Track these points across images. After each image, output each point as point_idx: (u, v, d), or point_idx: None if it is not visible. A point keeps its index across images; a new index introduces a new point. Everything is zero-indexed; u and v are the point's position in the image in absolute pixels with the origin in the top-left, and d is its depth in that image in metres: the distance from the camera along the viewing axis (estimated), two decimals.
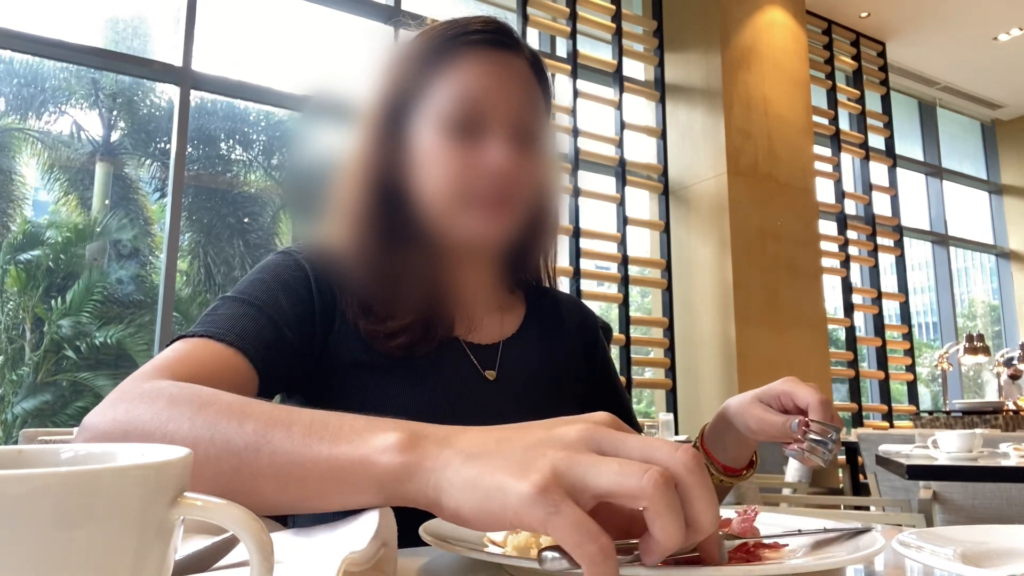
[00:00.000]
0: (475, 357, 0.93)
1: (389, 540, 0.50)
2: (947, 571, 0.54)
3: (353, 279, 0.88)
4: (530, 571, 0.53)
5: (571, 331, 1.07)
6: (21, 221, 6.88)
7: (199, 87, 4.20)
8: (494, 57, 0.91)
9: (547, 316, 1.05)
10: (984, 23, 6.89)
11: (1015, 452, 2.11)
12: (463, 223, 0.89)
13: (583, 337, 1.08)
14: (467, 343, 0.94)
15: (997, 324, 9.24)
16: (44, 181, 6.99)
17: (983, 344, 6.08)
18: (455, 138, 0.87)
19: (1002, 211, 8.85)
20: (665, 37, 5.85)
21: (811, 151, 6.08)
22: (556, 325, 1.05)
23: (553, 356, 1.01)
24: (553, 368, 1.00)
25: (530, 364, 0.97)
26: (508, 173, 0.87)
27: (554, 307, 1.07)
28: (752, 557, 0.56)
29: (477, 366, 0.93)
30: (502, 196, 0.88)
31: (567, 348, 1.04)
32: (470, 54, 0.90)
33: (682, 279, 5.56)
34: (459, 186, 0.87)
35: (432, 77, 0.90)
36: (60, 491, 0.28)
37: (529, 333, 1.01)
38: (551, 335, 1.03)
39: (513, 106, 0.89)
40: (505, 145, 0.87)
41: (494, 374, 0.93)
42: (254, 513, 0.33)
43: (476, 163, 0.87)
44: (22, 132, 6.84)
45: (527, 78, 0.93)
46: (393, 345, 0.86)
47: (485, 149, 0.87)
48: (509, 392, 0.92)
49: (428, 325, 0.88)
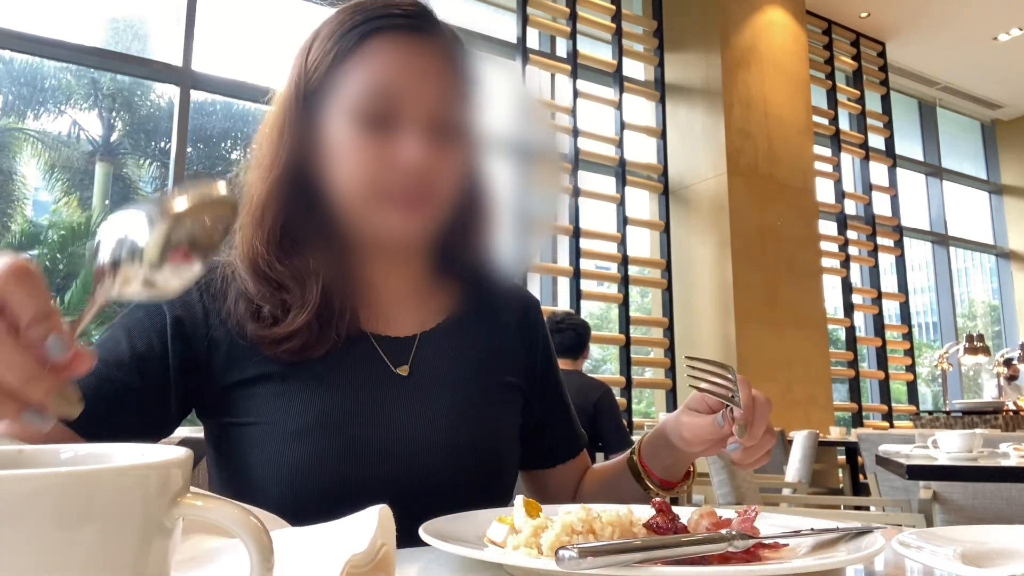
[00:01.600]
0: (386, 352, 0.87)
1: (389, 540, 0.50)
2: (947, 571, 0.54)
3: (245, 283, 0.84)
4: (530, 571, 0.53)
5: (507, 323, 1.00)
6: (21, 221, 6.88)
7: (199, 87, 4.20)
8: (410, 43, 0.84)
9: (484, 307, 0.98)
10: (984, 23, 6.90)
11: (1015, 452, 2.11)
12: (377, 221, 0.84)
13: (522, 330, 1.01)
14: (378, 337, 0.88)
15: (997, 324, 9.25)
16: (44, 181, 6.99)
17: (983, 344, 6.08)
18: (367, 130, 0.82)
19: (1002, 211, 8.86)
20: (665, 37, 5.85)
21: (811, 151, 6.08)
22: (488, 316, 0.98)
23: (479, 349, 0.94)
24: (482, 360, 0.93)
25: (450, 358, 0.91)
26: (423, 169, 0.82)
27: (495, 298, 1.00)
28: (752, 557, 0.56)
29: (387, 362, 0.87)
30: (417, 193, 0.83)
31: (499, 341, 0.97)
32: (384, 39, 0.84)
33: (682, 279, 5.56)
34: (372, 182, 0.82)
35: (344, 63, 0.84)
36: (60, 491, 0.28)
37: (456, 325, 0.94)
38: (479, 327, 0.96)
39: (430, 96, 0.83)
40: (420, 139, 0.82)
41: (407, 369, 0.87)
42: (250, 511, 0.33)
43: (389, 158, 0.82)
44: (22, 132, 6.84)
45: (446, 64, 0.86)
46: (282, 350, 0.81)
47: (399, 143, 0.82)
48: (424, 388, 0.87)
49: (323, 324, 0.83)
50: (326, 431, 0.81)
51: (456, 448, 0.85)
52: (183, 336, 0.83)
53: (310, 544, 0.50)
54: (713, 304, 5.41)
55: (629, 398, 5.12)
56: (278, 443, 0.80)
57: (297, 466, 0.79)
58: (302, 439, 0.80)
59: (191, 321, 0.83)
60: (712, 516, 0.64)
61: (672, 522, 0.61)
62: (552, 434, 1.02)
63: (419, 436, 0.83)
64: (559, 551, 0.47)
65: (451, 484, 0.83)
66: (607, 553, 0.48)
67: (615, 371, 5.24)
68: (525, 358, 1.00)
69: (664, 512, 0.62)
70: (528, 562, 0.52)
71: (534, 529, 0.58)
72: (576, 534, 0.56)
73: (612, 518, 0.57)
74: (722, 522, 0.63)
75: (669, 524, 0.60)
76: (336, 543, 0.48)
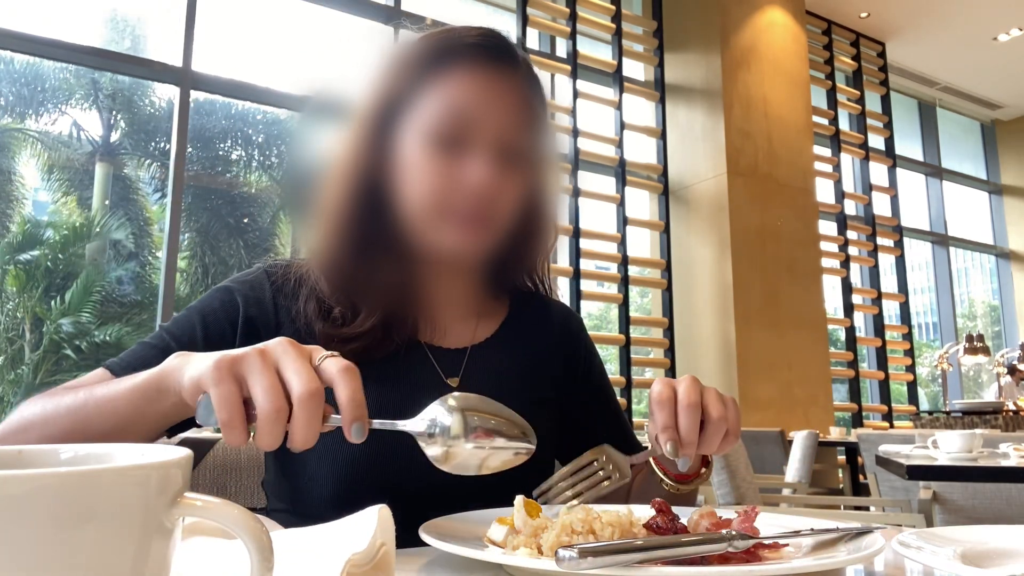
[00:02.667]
0: (439, 362, 0.93)
1: (388, 540, 0.50)
2: (947, 571, 0.54)
3: (319, 284, 0.90)
4: (530, 571, 0.53)
5: (553, 340, 1.05)
6: (20, 221, 6.88)
7: (199, 87, 4.20)
8: (487, 70, 0.90)
9: (528, 323, 1.04)
10: (984, 23, 6.90)
11: (1015, 452, 2.11)
12: (439, 236, 0.89)
13: (566, 348, 1.06)
14: (433, 348, 0.94)
15: (997, 324, 9.25)
16: (44, 181, 6.99)
17: (983, 344, 6.09)
18: (439, 150, 0.87)
19: (1002, 211, 8.86)
20: (665, 37, 5.85)
21: (811, 151, 6.08)
22: (536, 333, 1.04)
23: (525, 363, 0.99)
24: (523, 375, 0.98)
25: (498, 370, 0.96)
26: (487, 191, 0.87)
27: (539, 314, 1.06)
28: (752, 557, 0.56)
29: (439, 371, 0.92)
30: (479, 214, 0.88)
31: (544, 356, 1.02)
32: (463, 66, 0.89)
33: (682, 279, 5.56)
34: (438, 199, 0.87)
35: (424, 86, 0.90)
36: (60, 491, 0.28)
37: (503, 339, 1.00)
38: (527, 342, 1.01)
39: (501, 123, 0.89)
40: (487, 163, 0.87)
41: (457, 380, 0.92)
42: (250, 512, 0.33)
43: (457, 178, 0.87)
44: (22, 132, 6.83)
45: (519, 93, 0.92)
46: (348, 350, 0.84)
47: (467, 165, 0.87)
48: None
49: (387, 329, 0.88)
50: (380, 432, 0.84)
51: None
52: (254, 333, 0.87)
53: (310, 544, 0.50)
54: (713, 304, 5.41)
55: (629, 398, 5.12)
56: (334, 439, 0.82)
57: (352, 463, 0.83)
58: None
59: (263, 319, 0.89)
60: (712, 516, 0.64)
61: (672, 522, 0.61)
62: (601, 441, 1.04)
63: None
64: (559, 551, 0.47)
65: (481, 488, 0.84)
66: (607, 553, 0.48)
67: (615, 371, 5.24)
68: (564, 369, 1.04)
69: (664, 512, 0.62)
70: (528, 562, 0.52)
71: (534, 529, 0.58)
72: (576, 534, 0.56)
73: (612, 518, 0.57)
74: (722, 522, 0.63)
75: (669, 524, 0.60)
76: (336, 543, 0.48)
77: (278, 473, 0.91)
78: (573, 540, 0.55)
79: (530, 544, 0.56)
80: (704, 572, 0.51)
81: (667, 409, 0.74)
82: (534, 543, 0.56)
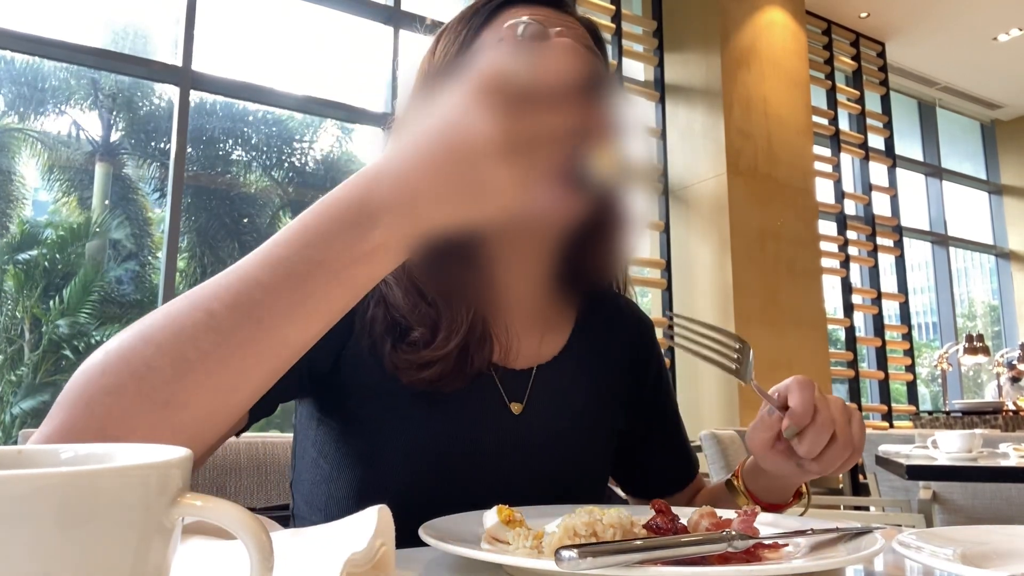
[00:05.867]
0: (504, 386, 0.86)
1: (388, 540, 0.50)
2: (947, 571, 0.54)
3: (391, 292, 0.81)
4: (530, 571, 0.53)
5: (621, 349, 0.98)
6: (19, 221, 6.88)
7: (199, 87, 4.20)
8: (550, 17, 0.83)
9: (599, 332, 0.96)
10: (984, 23, 6.89)
11: (1015, 452, 2.11)
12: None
13: (634, 354, 0.99)
14: (497, 368, 0.86)
15: (997, 324, 9.25)
16: (44, 181, 6.98)
17: (983, 344, 6.08)
18: None
19: (1002, 211, 8.85)
20: (665, 37, 5.85)
21: (811, 151, 6.08)
22: (604, 345, 0.96)
23: (591, 383, 0.92)
24: (589, 397, 0.92)
25: (563, 393, 0.89)
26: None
27: (610, 322, 0.98)
28: (752, 557, 0.56)
29: (504, 396, 0.85)
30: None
31: (612, 370, 0.96)
32: (516, 10, 0.82)
33: (682, 279, 5.56)
34: None
35: (476, 40, 0.83)
36: (61, 491, 0.28)
37: (571, 355, 0.92)
38: (595, 358, 0.94)
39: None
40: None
41: (520, 407, 0.86)
42: (250, 512, 0.33)
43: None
44: (22, 132, 6.83)
45: (586, 43, 0.84)
46: (420, 378, 0.78)
47: None
48: (535, 425, 0.85)
49: (465, 355, 0.80)
50: (431, 459, 0.80)
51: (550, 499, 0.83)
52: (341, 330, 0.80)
53: (310, 544, 0.50)
54: (713, 304, 5.41)
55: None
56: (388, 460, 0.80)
57: (403, 487, 0.79)
58: (409, 461, 0.79)
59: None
60: (712, 516, 0.64)
61: (672, 522, 0.61)
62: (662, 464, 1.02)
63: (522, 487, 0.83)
64: (559, 551, 0.47)
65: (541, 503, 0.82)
66: (607, 553, 0.48)
67: None
68: (633, 386, 0.99)
69: (664, 512, 0.62)
70: (528, 562, 0.52)
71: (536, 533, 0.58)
72: (578, 537, 0.56)
73: (613, 520, 0.57)
74: (722, 522, 0.63)
75: (669, 524, 0.60)
76: (335, 543, 0.48)
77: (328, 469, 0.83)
78: (575, 542, 0.55)
79: (531, 544, 0.57)
80: (704, 572, 0.51)
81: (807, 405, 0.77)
82: (535, 544, 0.56)
